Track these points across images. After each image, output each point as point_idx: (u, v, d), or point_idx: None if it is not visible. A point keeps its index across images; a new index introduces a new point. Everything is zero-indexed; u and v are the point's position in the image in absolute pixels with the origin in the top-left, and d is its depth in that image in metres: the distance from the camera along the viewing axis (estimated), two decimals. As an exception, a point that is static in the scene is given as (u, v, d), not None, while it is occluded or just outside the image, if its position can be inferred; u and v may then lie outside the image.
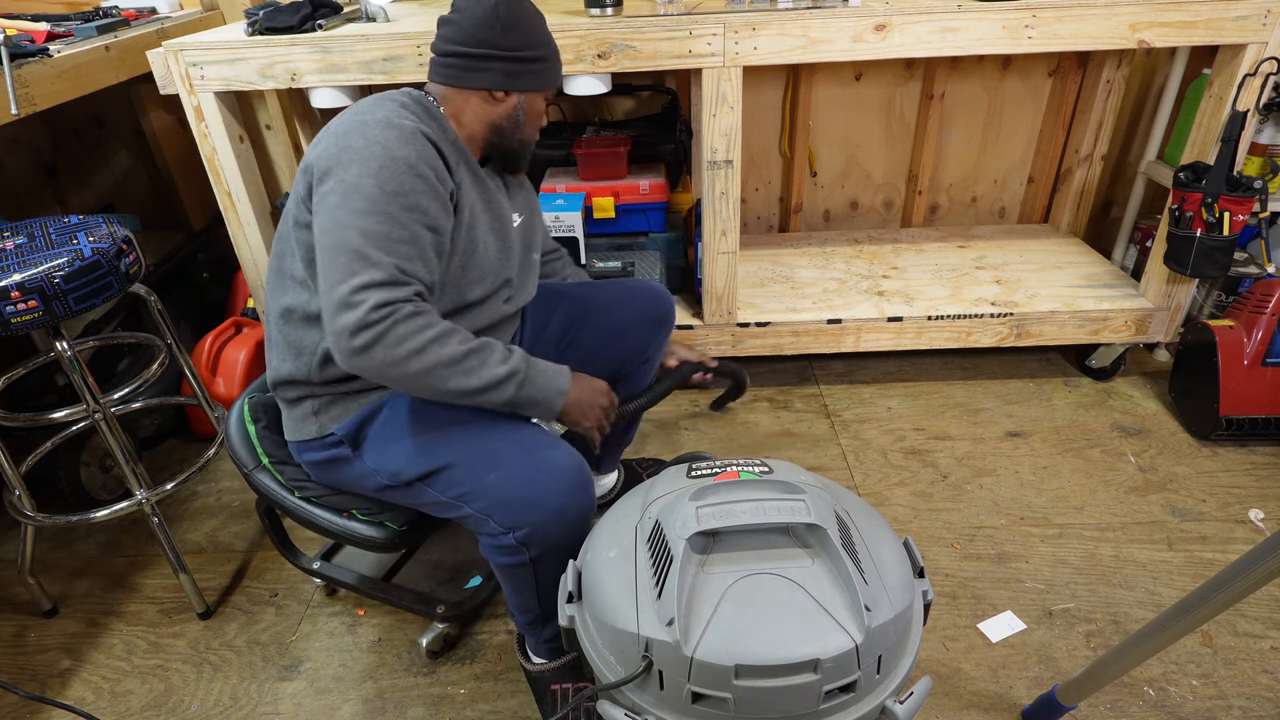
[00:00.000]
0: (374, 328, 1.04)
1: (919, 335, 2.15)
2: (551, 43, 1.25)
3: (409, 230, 1.09)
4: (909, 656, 0.98)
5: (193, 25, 2.31)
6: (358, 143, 1.09)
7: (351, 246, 1.06)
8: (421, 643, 1.53)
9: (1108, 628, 1.54)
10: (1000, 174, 2.65)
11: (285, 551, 1.62)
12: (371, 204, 1.06)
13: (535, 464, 1.17)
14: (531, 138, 1.31)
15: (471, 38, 1.18)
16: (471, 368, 1.11)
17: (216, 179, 1.90)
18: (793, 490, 0.99)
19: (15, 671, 1.58)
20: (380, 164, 1.08)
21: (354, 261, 1.05)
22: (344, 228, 1.06)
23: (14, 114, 1.58)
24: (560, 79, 1.31)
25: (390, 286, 1.06)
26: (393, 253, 1.07)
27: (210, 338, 2.15)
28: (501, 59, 1.19)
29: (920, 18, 1.72)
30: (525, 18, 1.19)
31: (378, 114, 1.13)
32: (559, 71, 1.29)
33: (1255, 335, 1.92)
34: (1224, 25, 1.71)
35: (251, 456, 1.37)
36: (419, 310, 1.08)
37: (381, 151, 1.08)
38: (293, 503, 1.36)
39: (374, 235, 1.06)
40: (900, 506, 1.86)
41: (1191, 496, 1.84)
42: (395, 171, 1.08)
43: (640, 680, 0.93)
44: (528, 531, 1.16)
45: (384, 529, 1.33)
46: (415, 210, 1.09)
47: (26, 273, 1.31)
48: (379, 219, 1.06)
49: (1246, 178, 1.84)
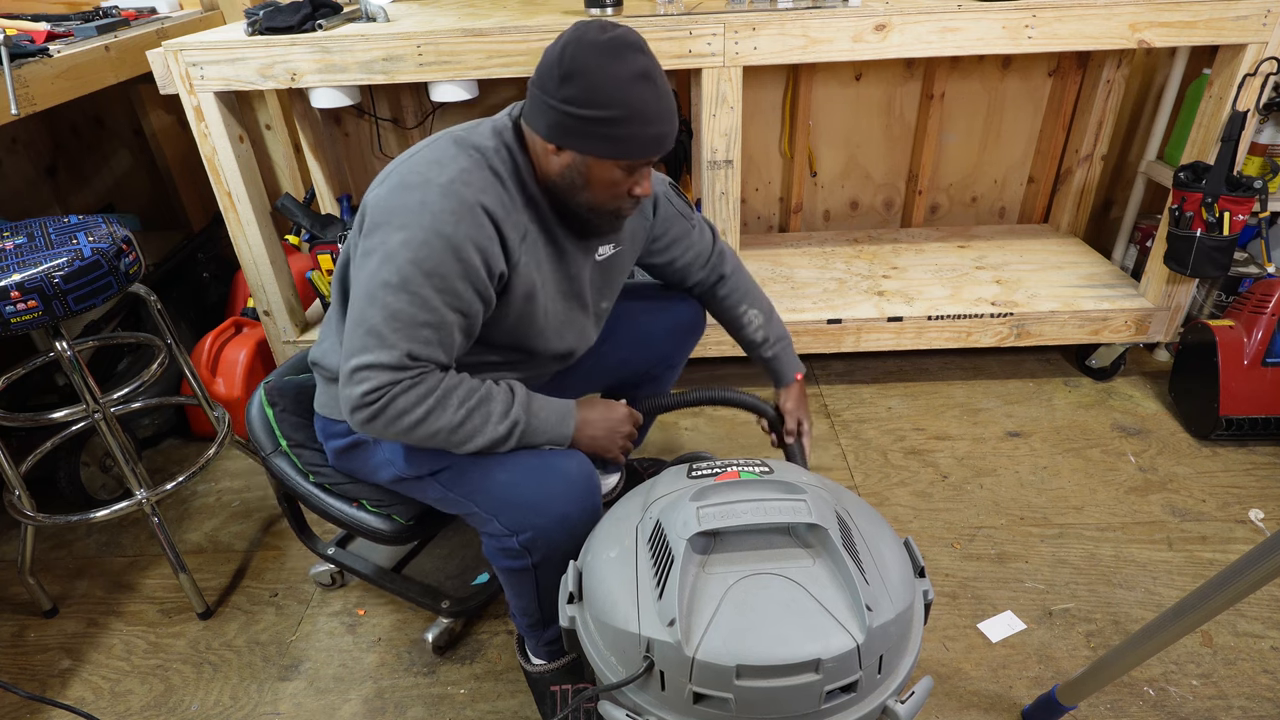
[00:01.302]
0: (371, 407, 1.07)
1: (919, 335, 2.15)
2: (634, 108, 1.05)
3: (435, 314, 1.06)
4: (910, 656, 0.98)
5: (193, 25, 2.31)
6: (412, 203, 1.06)
7: (371, 322, 1.06)
8: (427, 638, 1.54)
9: (1108, 628, 1.54)
10: (1000, 174, 2.65)
11: (303, 536, 1.65)
12: (404, 281, 1.04)
13: (545, 469, 1.17)
14: (603, 204, 1.15)
15: (539, 76, 1.08)
16: (473, 430, 1.12)
17: (216, 179, 1.90)
18: (793, 490, 0.99)
19: (15, 671, 1.58)
20: (424, 239, 1.04)
21: (368, 338, 1.06)
22: (372, 301, 1.06)
23: (14, 114, 1.58)
24: (644, 151, 1.09)
25: (394, 370, 1.06)
26: (411, 337, 1.06)
27: (210, 338, 2.15)
28: (555, 109, 1.06)
29: (920, 18, 1.72)
30: (594, 71, 1.03)
31: (445, 174, 1.07)
32: (641, 143, 1.08)
33: (1255, 335, 1.92)
34: (1224, 25, 1.71)
35: (270, 440, 1.40)
36: (416, 381, 1.08)
37: (430, 223, 1.04)
38: (306, 488, 1.38)
39: (397, 314, 1.05)
40: (900, 506, 1.86)
41: (1191, 496, 1.84)
42: (436, 250, 1.04)
43: (641, 681, 0.93)
44: (531, 535, 1.16)
45: (391, 522, 1.35)
46: (447, 293, 1.06)
47: (26, 273, 1.31)
48: (407, 298, 1.05)
49: (1246, 178, 1.84)
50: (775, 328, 1.54)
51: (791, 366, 1.54)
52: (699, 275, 1.50)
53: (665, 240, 1.42)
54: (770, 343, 1.53)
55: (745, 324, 1.53)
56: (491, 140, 1.13)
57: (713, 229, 1.52)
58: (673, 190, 1.43)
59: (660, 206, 1.39)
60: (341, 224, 2.13)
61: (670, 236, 1.42)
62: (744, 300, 1.53)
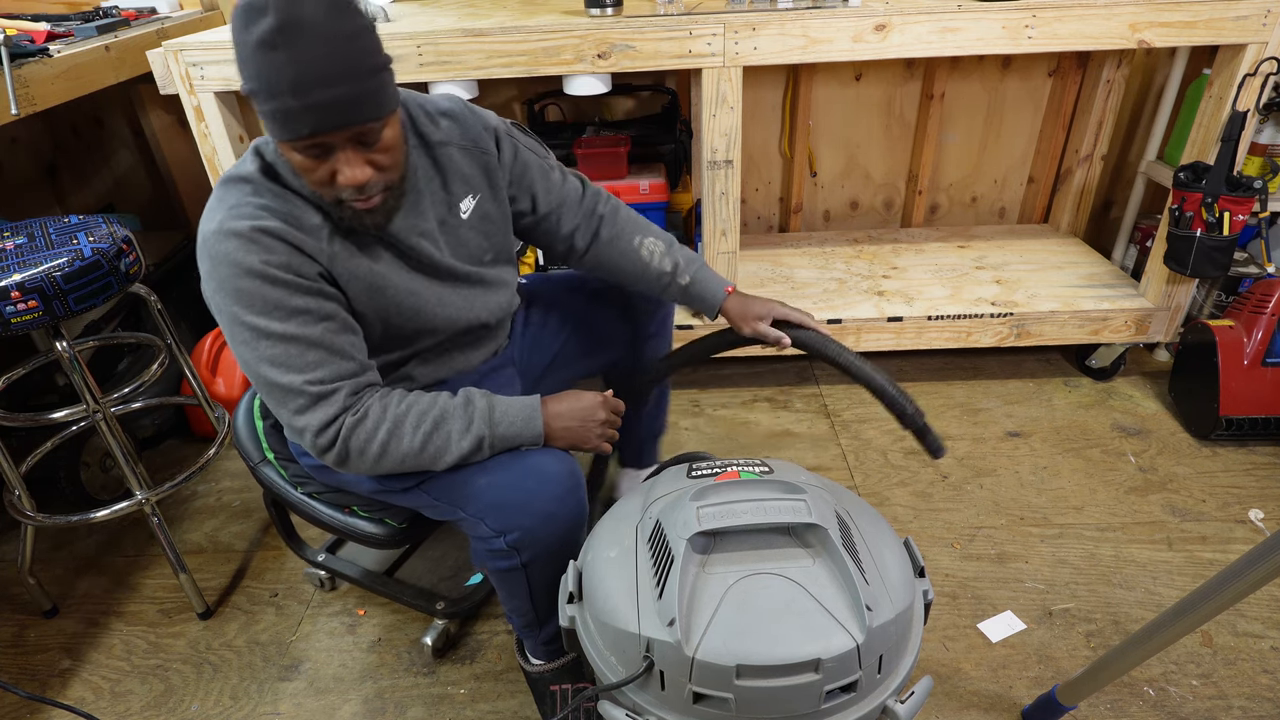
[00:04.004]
0: (332, 450, 1.07)
1: (919, 335, 2.15)
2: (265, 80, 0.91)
3: (301, 338, 1.04)
4: (910, 656, 0.98)
5: (193, 25, 2.31)
6: (208, 261, 1.03)
7: (264, 380, 1.05)
8: (426, 641, 1.53)
9: (1108, 628, 1.54)
10: (1000, 174, 2.65)
11: (291, 543, 1.64)
12: (253, 331, 1.03)
13: (525, 469, 1.15)
14: (324, 195, 1.04)
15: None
16: (438, 451, 1.11)
17: (216, 179, 1.90)
18: (793, 490, 0.99)
19: (15, 671, 1.58)
20: (235, 285, 1.02)
21: (273, 394, 1.06)
22: (248, 365, 1.05)
23: (14, 114, 1.58)
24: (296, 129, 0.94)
25: (316, 404, 1.05)
26: (302, 369, 1.04)
27: (210, 338, 2.15)
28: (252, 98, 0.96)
29: (920, 18, 1.72)
30: (237, 44, 0.92)
31: (214, 220, 1.03)
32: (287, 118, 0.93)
33: (1255, 335, 1.92)
34: (1224, 25, 1.71)
35: (257, 450, 1.40)
36: (360, 415, 1.07)
37: (228, 271, 1.01)
38: (296, 497, 1.37)
39: (273, 360, 1.03)
40: (900, 506, 1.86)
41: (1191, 496, 1.84)
42: (250, 286, 1.01)
43: (641, 680, 0.93)
44: (518, 536, 1.15)
45: (384, 526, 1.34)
46: (293, 314, 1.03)
47: (26, 273, 1.31)
48: (268, 343, 1.03)
49: (1246, 178, 1.84)
50: (682, 251, 1.38)
51: (718, 283, 1.37)
52: (574, 220, 1.34)
53: (525, 181, 1.29)
54: (682, 266, 1.36)
55: (645, 258, 1.35)
56: (252, 163, 1.08)
57: (580, 176, 1.37)
58: (516, 128, 1.30)
59: (503, 142, 1.25)
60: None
61: (529, 177, 1.29)
62: (635, 232, 1.36)
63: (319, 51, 0.91)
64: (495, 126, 1.25)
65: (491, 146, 1.24)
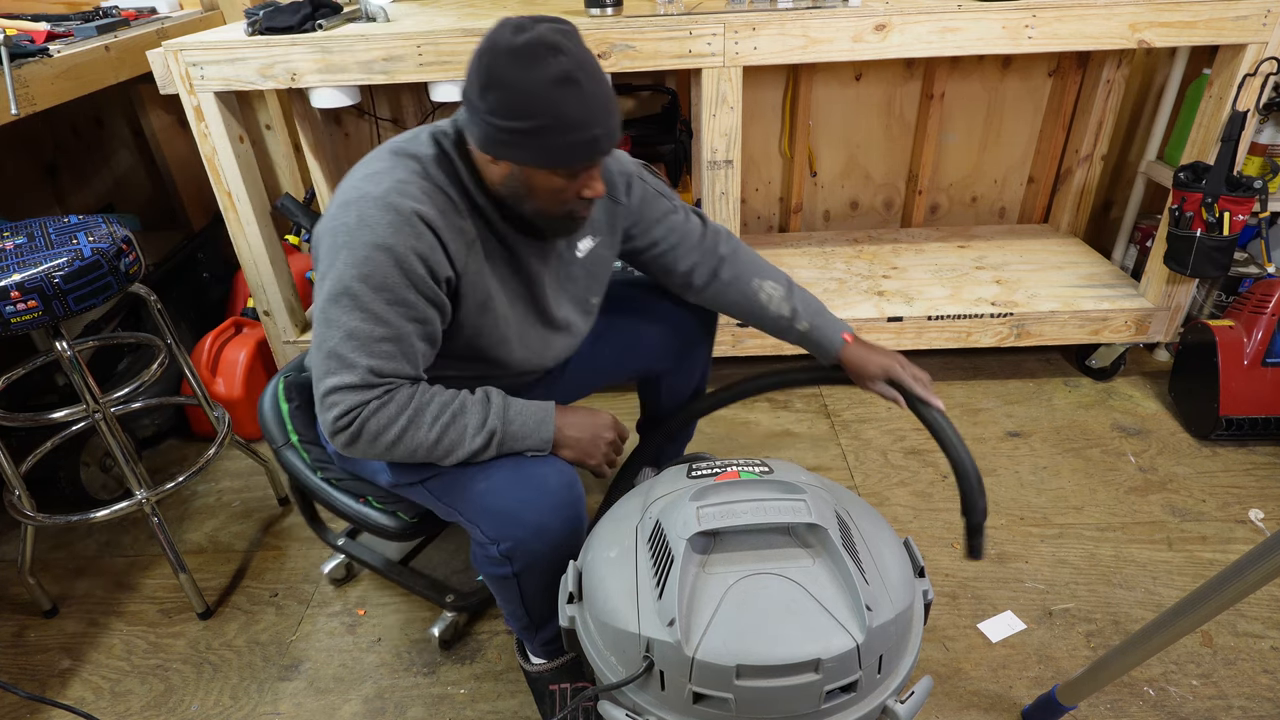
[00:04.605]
0: (346, 431, 1.07)
1: (919, 335, 2.15)
2: (557, 116, 0.98)
3: (391, 327, 1.05)
4: (910, 656, 0.98)
5: (193, 25, 2.31)
6: (351, 220, 1.04)
7: (330, 345, 1.06)
8: (434, 632, 1.55)
9: (1108, 628, 1.54)
10: (1000, 174, 2.65)
11: (314, 526, 1.67)
12: (354, 299, 1.04)
13: (523, 479, 1.15)
14: (552, 210, 1.10)
15: (465, 85, 1.03)
16: (451, 445, 1.11)
17: (216, 179, 1.90)
18: (793, 490, 0.99)
19: (15, 671, 1.58)
20: (366, 254, 1.03)
21: (330, 361, 1.06)
22: (328, 323, 1.06)
23: (14, 114, 1.58)
24: (578, 158, 1.03)
25: (361, 389, 1.06)
26: (371, 353, 1.05)
27: (210, 338, 2.15)
28: (483, 120, 1.01)
29: (920, 18, 1.72)
30: (511, 81, 0.97)
31: (380, 186, 1.05)
32: (572, 150, 1.02)
33: (1255, 335, 1.92)
34: (1224, 25, 1.71)
35: (281, 433, 1.42)
36: (386, 400, 1.07)
37: (369, 237, 1.03)
38: (315, 483, 1.40)
39: (353, 333, 1.05)
40: (900, 506, 1.86)
41: (1191, 496, 1.84)
42: (379, 263, 1.03)
43: (641, 681, 0.93)
44: (510, 545, 1.15)
45: (396, 519, 1.37)
46: (399, 304, 1.05)
47: (26, 273, 1.31)
48: (360, 316, 1.04)
49: (1246, 178, 1.84)
50: (802, 295, 1.37)
51: (836, 328, 1.36)
52: (692, 258, 1.36)
53: (645, 223, 1.33)
54: (801, 313, 1.35)
55: (764, 301, 1.35)
56: (430, 148, 1.10)
57: (701, 214, 1.40)
58: (647, 170, 1.35)
59: (634, 187, 1.30)
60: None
61: (650, 218, 1.33)
62: (755, 274, 1.36)
63: (603, 88, 1.01)
64: (629, 172, 1.30)
65: (623, 195, 1.29)
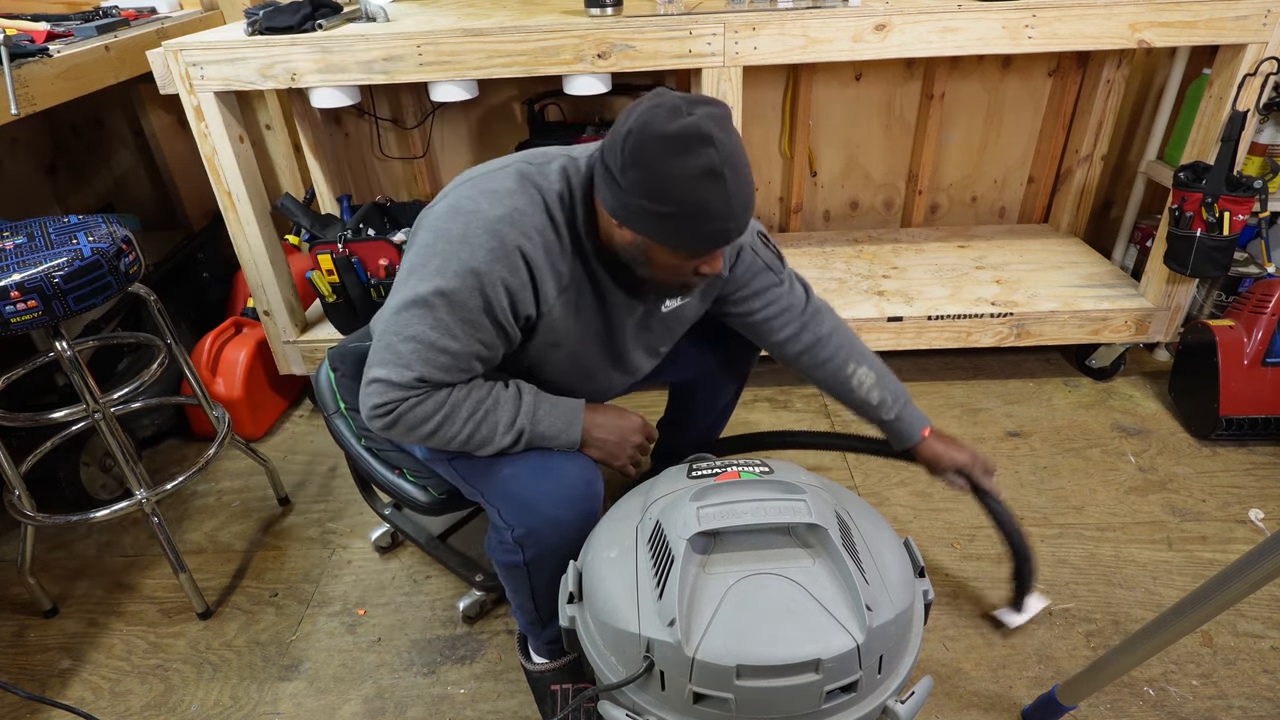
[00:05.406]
0: (384, 418, 1.10)
1: (919, 335, 2.15)
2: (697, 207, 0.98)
3: (456, 342, 1.07)
4: (910, 656, 0.98)
5: (193, 25, 2.31)
6: (456, 231, 1.06)
7: (393, 338, 1.08)
8: (459, 606, 1.59)
9: (1108, 628, 1.54)
10: (1000, 174, 2.65)
11: (365, 494, 1.77)
12: (431, 307, 1.05)
13: (544, 469, 1.17)
14: (666, 281, 1.12)
15: (606, 148, 1.03)
16: (482, 441, 1.14)
17: (216, 179, 1.90)
18: (793, 490, 0.99)
19: (15, 671, 1.58)
20: (458, 270, 1.04)
21: (388, 352, 1.08)
22: (399, 317, 1.08)
23: (14, 114, 1.58)
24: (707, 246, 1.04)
25: (403, 389, 1.08)
26: (428, 362, 1.07)
27: (210, 338, 2.15)
28: (618, 189, 1.01)
29: (920, 18, 1.72)
30: (656, 165, 0.97)
31: (496, 209, 1.06)
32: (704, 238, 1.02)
33: (1255, 335, 1.92)
34: (1224, 25, 1.71)
35: (332, 401, 1.48)
36: (423, 398, 1.09)
37: (467, 256, 1.04)
38: (356, 450, 1.45)
39: (418, 337, 1.06)
40: (900, 506, 1.86)
41: (1191, 496, 1.84)
42: (467, 283, 1.04)
43: (642, 681, 0.93)
44: (524, 532, 1.17)
45: (426, 493, 1.40)
46: (471, 325, 1.07)
47: (26, 273, 1.31)
48: (431, 323, 1.06)
49: (1246, 177, 1.84)
50: (891, 384, 1.40)
51: (918, 424, 1.41)
52: (789, 330, 1.36)
53: (745, 291, 1.33)
54: (889, 404, 1.39)
55: (855, 386, 1.38)
56: (558, 184, 1.11)
57: (805, 286, 1.39)
58: (760, 240, 1.32)
59: (743, 256, 1.29)
60: (341, 224, 2.13)
61: (752, 289, 1.32)
62: (850, 359, 1.38)
63: (745, 183, 1.01)
64: (741, 244, 1.29)
65: (728, 268, 1.28)
